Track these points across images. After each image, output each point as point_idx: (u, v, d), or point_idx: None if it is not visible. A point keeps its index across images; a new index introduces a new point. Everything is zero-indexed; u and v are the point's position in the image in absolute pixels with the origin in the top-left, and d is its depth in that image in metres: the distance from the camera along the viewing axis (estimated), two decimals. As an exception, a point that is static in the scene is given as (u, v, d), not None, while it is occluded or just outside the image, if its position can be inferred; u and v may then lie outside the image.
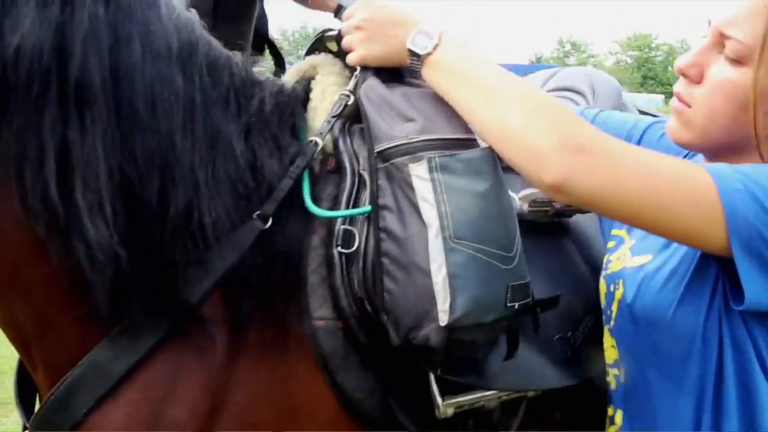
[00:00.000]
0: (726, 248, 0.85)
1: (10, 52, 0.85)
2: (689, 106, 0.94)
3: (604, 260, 1.13)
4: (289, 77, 1.17)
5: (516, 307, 0.94)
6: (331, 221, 1.01)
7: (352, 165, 1.03)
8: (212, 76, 1.00)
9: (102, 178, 0.88)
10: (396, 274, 0.94)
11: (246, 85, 1.05)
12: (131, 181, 0.91)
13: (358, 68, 1.06)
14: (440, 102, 0.99)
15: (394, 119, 0.97)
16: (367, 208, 0.98)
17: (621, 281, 1.04)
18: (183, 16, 1.02)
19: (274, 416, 0.99)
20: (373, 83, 1.01)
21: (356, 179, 1.02)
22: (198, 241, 0.94)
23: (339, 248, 0.98)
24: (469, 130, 0.98)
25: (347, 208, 1.00)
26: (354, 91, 1.05)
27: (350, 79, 1.07)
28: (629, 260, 1.05)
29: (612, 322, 1.06)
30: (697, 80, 0.94)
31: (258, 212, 0.98)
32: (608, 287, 1.08)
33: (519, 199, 1.14)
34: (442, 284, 0.90)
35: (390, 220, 0.95)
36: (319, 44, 1.16)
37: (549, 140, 0.86)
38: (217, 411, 0.96)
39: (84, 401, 0.93)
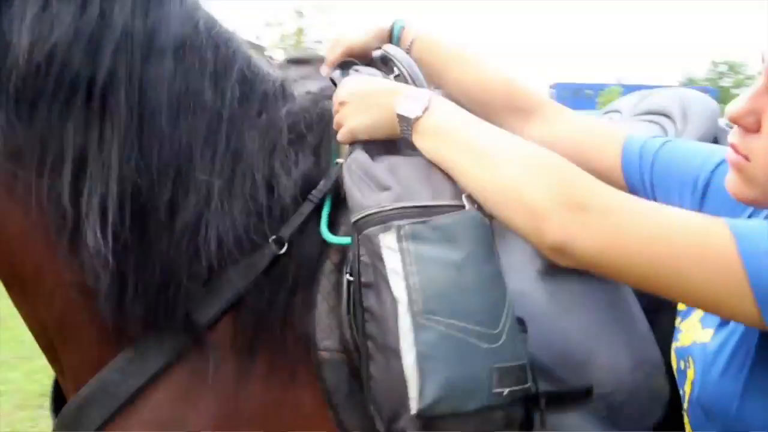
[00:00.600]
0: (758, 320, 0.69)
1: (41, 57, 0.88)
2: (748, 160, 0.78)
3: (676, 324, 0.95)
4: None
5: (504, 393, 0.78)
6: (345, 246, 0.94)
7: None
8: (244, 91, 0.99)
9: (111, 186, 0.89)
10: (377, 358, 0.83)
11: (279, 102, 1.03)
12: (142, 190, 0.91)
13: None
14: (430, 169, 0.88)
15: (371, 189, 0.87)
16: None
17: (690, 359, 0.87)
18: (223, 31, 1.02)
19: None
20: (357, 156, 0.92)
21: None
22: (204, 257, 0.92)
23: (348, 275, 0.90)
24: (456, 196, 0.85)
25: None
26: None
27: None
28: (699, 333, 0.88)
29: (686, 405, 0.89)
30: (755, 129, 0.77)
31: (274, 237, 0.95)
32: (679, 363, 0.91)
33: None
34: (411, 367, 0.78)
35: (370, 298, 0.84)
36: None
37: (547, 198, 0.76)
38: None
39: (93, 419, 0.93)
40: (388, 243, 0.81)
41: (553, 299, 0.99)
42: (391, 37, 1.10)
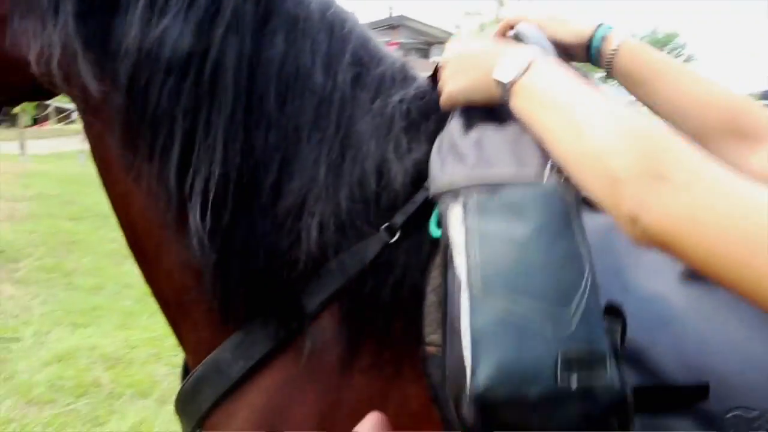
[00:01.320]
0: None
1: (152, 41, 0.89)
2: None
3: None
4: None
5: (573, 383, 0.70)
6: None
7: None
8: (358, 74, 0.97)
9: (215, 168, 0.90)
10: (448, 340, 0.78)
11: (395, 85, 0.99)
12: (246, 173, 0.90)
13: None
14: (520, 139, 0.83)
15: (449, 161, 0.84)
16: None
17: None
18: (338, 12, 1.01)
19: None
20: (451, 125, 0.89)
21: None
22: (306, 242, 0.90)
23: None
24: (540, 169, 0.80)
25: None
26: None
27: None
28: None
29: None
30: None
31: (386, 224, 0.92)
32: None
33: None
34: (467, 348, 0.73)
35: (447, 277, 0.80)
36: None
37: (629, 166, 0.69)
38: None
39: (207, 397, 0.95)
40: (455, 217, 0.78)
41: (693, 305, 0.88)
42: (593, 39, 1.00)
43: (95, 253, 5.56)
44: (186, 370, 1.10)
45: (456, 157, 0.84)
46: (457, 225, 0.77)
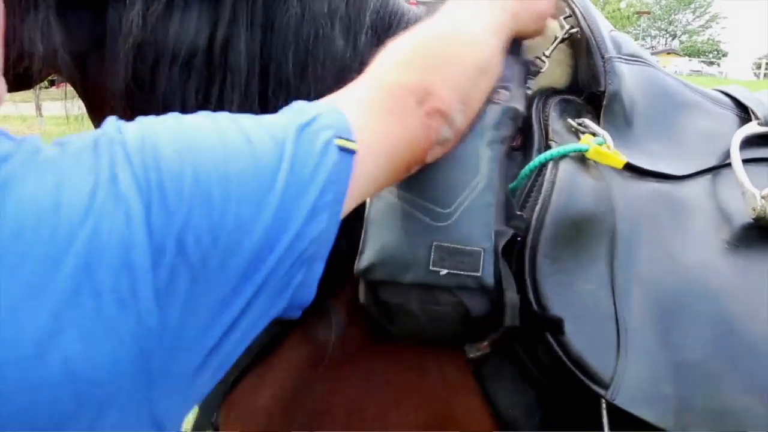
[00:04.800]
0: None
1: (155, 18, 0.83)
2: None
3: None
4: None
5: (443, 273, 0.76)
6: None
7: (539, 142, 0.89)
8: (379, 37, 0.91)
9: None
10: None
11: None
12: None
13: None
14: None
15: None
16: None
17: None
18: None
19: (419, 421, 0.87)
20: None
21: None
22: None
23: None
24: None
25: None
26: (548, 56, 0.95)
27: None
28: None
29: None
30: None
31: None
32: None
33: (762, 197, 0.87)
34: (363, 233, 0.80)
35: None
36: None
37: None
38: (358, 409, 0.88)
39: (231, 371, 0.90)
40: None
41: (740, 275, 0.86)
42: None
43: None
44: None
45: None
46: None
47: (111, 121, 0.57)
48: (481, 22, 0.79)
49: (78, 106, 1.00)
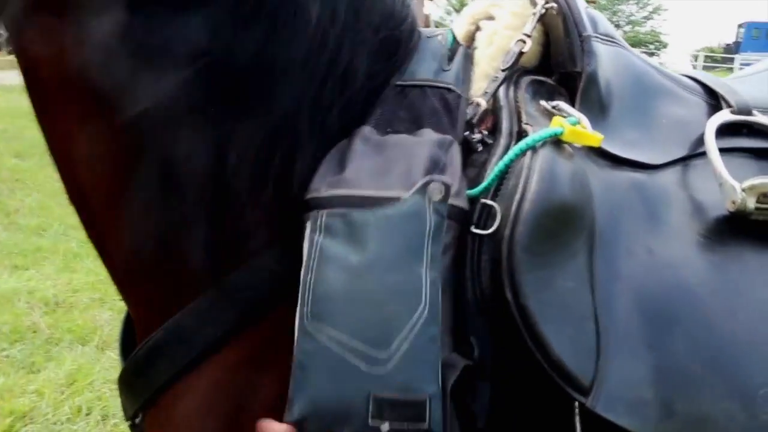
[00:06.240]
0: None
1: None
2: None
3: None
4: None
5: (385, 428, 0.65)
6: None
7: (510, 125, 0.83)
8: (356, 7, 0.84)
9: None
10: None
11: (403, 17, 0.90)
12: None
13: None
14: (409, 154, 0.75)
15: (332, 167, 0.77)
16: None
17: None
18: None
19: None
20: (362, 128, 0.81)
21: (510, 143, 0.82)
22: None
23: (474, 228, 0.76)
24: (407, 187, 0.71)
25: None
26: (530, 35, 0.89)
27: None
28: None
29: None
30: None
31: None
32: None
33: (743, 190, 0.83)
34: (293, 374, 0.68)
35: None
36: None
37: None
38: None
39: (165, 369, 0.81)
40: (306, 232, 0.73)
41: (719, 272, 0.82)
42: None
43: (40, 192, 5.21)
44: (129, 336, 0.98)
45: (338, 165, 0.77)
46: (306, 242, 0.72)
47: None
48: None
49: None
